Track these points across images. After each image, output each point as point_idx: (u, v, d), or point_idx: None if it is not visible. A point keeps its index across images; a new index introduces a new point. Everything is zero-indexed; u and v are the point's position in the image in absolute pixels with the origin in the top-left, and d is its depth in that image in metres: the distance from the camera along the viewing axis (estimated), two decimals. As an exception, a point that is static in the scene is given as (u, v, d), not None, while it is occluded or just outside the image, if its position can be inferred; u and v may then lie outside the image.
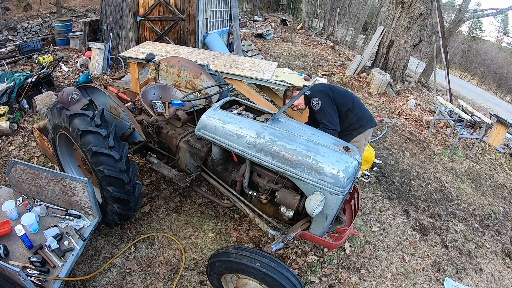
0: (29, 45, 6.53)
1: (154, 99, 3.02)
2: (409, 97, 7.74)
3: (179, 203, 3.24)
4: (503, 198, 4.62)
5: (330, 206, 2.02)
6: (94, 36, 6.88)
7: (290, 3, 23.89)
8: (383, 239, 3.29)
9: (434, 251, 3.31)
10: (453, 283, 2.97)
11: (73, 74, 6.04)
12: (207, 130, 2.32)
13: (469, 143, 6.00)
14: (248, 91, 4.49)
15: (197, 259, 2.68)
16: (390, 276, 2.89)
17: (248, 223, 3.10)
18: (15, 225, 2.15)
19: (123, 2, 6.43)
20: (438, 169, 4.90)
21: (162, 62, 3.41)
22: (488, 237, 3.71)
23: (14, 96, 4.41)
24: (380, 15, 20.19)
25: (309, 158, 2.00)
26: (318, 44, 13.01)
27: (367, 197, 3.88)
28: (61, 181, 2.30)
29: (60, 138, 2.73)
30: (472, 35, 32.76)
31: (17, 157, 3.65)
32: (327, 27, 18.83)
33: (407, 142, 5.57)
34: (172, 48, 5.17)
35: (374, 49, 9.05)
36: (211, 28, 7.74)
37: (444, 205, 4.09)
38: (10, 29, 8.61)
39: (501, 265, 3.36)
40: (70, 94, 2.29)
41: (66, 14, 10.20)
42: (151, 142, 2.93)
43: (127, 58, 4.66)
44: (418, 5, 7.97)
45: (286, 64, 8.90)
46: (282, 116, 2.39)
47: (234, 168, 2.58)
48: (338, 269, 2.84)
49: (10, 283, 1.77)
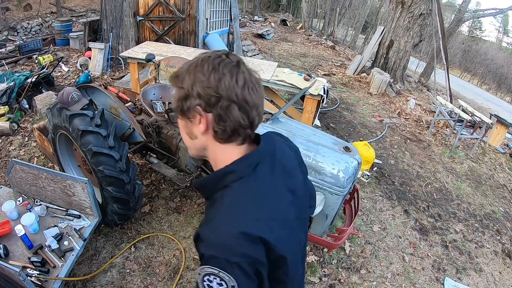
0: (29, 45, 6.52)
1: (154, 99, 3.02)
2: (409, 97, 7.75)
3: (179, 203, 3.24)
4: (503, 198, 4.62)
5: (330, 206, 2.02)
6: (94, 36, 6.88)
7: (290, 3, 23.88)
8: (383, 239, 3.29)
9: (434, 251, 3.31)
10: (453, 283, 2.97)
11: (73, 74, 6.04)
12: (207, 130, 2.32)
13: (469, 143, 6.00)
14: (248, 91, 4.48)
15: (197, 259, 2.68)
16: (390, 276, 2.89)
17: (248, 223, 3.10)
18: (15, 225, 2.15)
19: (123, 2, 6.43)
20: (438, 169, 4.90)
21: (162, 62, 3.40)
22: (488, 237, 3.71)
23: (14, 96, 4.41)
24: (380, 15, 20.19)
25: (309, 158, 2.00)
26: (318, 44, 13.00)
27: (367, 197, 3.88)
28: (61, 181, 2.30)
29: (60, 138, 2.73)
30: (472, 35, 32.77)
31: (17, 157, 3.65)
32: (327, 27, 18.83)
33: (407, 142, 5.57)
34: (172, 48, 5.17)
35: (374, 49, 9.05)
36: (211, 28, 7.74)
37: (444, 205, 4.09)
38: (10, 29, 8.60)
39: (501, 265, 3.36)
40: (70, 94, 2.29)
41: (66, 14, 10.19)
42: (151, 142, 2.93)
43: (127, 58, 4.66)
44: (418, 5, 7.96)
45: (286, 64, 8.90)
46: (282, 116, 2.39)
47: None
48: (338, 269, 2.84)
49: (10, 283, 1.77)
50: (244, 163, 0.80)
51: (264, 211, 0.77)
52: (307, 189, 1.00)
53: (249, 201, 0.77)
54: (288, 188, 0.86)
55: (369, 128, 5.85)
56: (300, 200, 0.91)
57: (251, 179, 0.79)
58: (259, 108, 0.78)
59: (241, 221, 0.73)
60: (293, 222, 0.85)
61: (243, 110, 0.74)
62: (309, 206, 1.07)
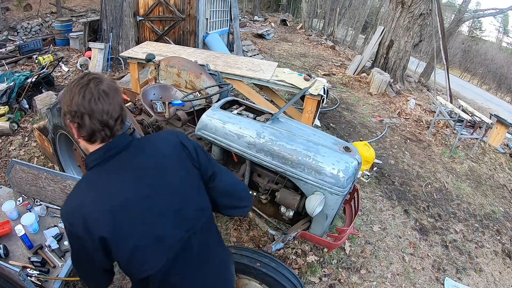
0: (29, 45, 6.53)
1: (154, 99, 3.02)
2: (409, 97, 7.75)
3: (179, 203, 3.24)
4: (503, 198, 4.62)
5: (330, 206, 2.02)
6: (94, 36, 6.88)
7: (290, 3, 23.89)
8: (383, 239, 3.29)
9: (434, 251, 3.31)
10: (453, 283, 2.97)
11: (73, 74, 6.04)
12: (207, 130, 2.32)
13: (469, 143, 6.00)
14: (248, 91, 4.49)
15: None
16: (390, 276, 2.89)
17: (248, 223, 3.10)
18: (15, 225, 2.15)
19: (123, 2, 6.43)
20: (438, 169, 4.90)
21: (162, 62, 3.41)
22: (488, 237, 3.71)
23: (14, 96, 4.41)
24: (380, 15, 20.19)
25: (309, 158, 2.00)
26: (318, 44, 13.00)
27: (367, 197, 3.88)
28: (61, 181, 2.30)
29: (60, 138, 2.73)
30: (472, 35, 32.76)
31: (17, 157, 3.64)
32: (327, 27, 18.84)
33: (407, 142, 5.57)
34: (172, 48, 5.17)
35: (374, 49, 9.05)
36: (211, 28, 7.75)
37: (444, 205, 4.09)
38: (10, 29, 8.61)
39: (501, 265, 3.36)
40: (70, 94, 2.29)
41: (66, 14, 10.20)
42: (151, 142, 2.93)
43: (127, 58, 4.66)
44: (418, 5, 7.96)
45: (286, 64, 8.90)
46: (282, 116, 2.39)
47: (234, 168, 2.58)
48: (338, 269, 2.84)
49: (10, 283, 1.77)
50: (89, 159, 1.04)
51: (92, 196, 0.98)
52: (189, 186, 1.12)
53: (83, 187, 1.03)
54: (142, 182, 1.02)
55: (369, 128, 5.86)
56: (168, 195, 1.05)
57: (93, 171, 1.03)
58: (110, 112, 0.98)
59: (72, 200, 1.01)
60: (140, 213, 0.99)
61: (93, 118, 0.96)
62: (197, 202, 1.14)
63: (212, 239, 1.22)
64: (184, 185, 1.10)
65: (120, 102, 1.02)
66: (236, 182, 1.33)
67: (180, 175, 1.10)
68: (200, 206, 1.14)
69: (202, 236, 1.13)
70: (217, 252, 1.24)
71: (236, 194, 1.31)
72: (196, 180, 1.14)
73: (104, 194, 0.98)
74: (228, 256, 1.35)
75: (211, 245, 1.21)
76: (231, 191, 1.29)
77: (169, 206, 1.05)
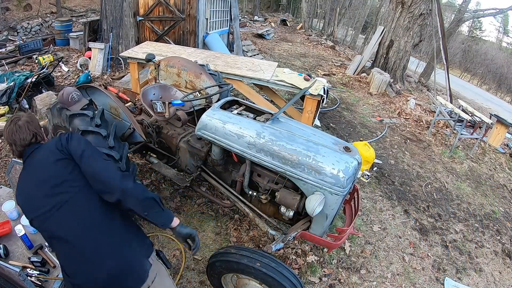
0: (29, 45, 6.53)
1: (154, 99, 3.02)
2: (409, 97, 7.75)
3: (179, 203, 3.24)
4: (503, 198, 4.62)
5: (330, 206, 2.02)
6: (94, 36, 6.89)
7: (290, 3, 23.90)
8: (383, 239, 3.29)
9: (434, 251, 3.31)
10: (453, 283, 2.97)
11: (73, 74, 6.04)
12: (207, 130, 2.32)
13: (469, 143, 6.00)
14: (248, 91, 4.49)
15: (197, 259, 2.68)
16: (390, 276, 2.89)
17: (248, 223, 3.10)
18: (15, 225, 2.14)
19: (123, 2, 6.43)
20: (438, 169, 4.91)
21: (162, 62, 3.41)
22: (488, 237, 3.71)
23: (14, 96, 4.41)
24: (380, 15, 20.18)
25: (309, 158, 2.00)
26: (318, 44, 13.01)
27: (367, 197, 3.88)
28: (61, 181, 2.29)
29: (60, 138, 2.72)
30: (472, 35, 32.73)
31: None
32: (327, 27, 18.83)
33: (407, 142, 5.57)
34: (172, 48, 5.17)
35: (374, 49, 9.05)
36: (211, 28, 7.75)
37: (444, 205, 4.09)
38: (10, 29, 8.61)
39: (501, 265, 3.36)
40: (70, 94, 2.29)
41: (66, 14, 10.20)
42: (151, 142, 2.93)
43: (127, 58, 4.66)
44: (418, 5, 7.96)
45: (286, 64, 8.90)
46: (282, 116, 2.39)
47: (234, 168, 2.58)
48: (338, 269, 2.84)
49: (10, 283, 1.77)
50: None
51: (18, 189, 1.51)
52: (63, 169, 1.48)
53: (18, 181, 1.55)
54: (38, 177, 1.47)
55: (369, 128, 5.86)
56: (55, 185, 1.44)
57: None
58: (16, 141, 1.50)
59: None
60: (40, 199, 1.43)
61: (10, 143, 1.52)
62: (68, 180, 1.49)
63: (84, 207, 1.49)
64: (57, 168, 1.48)
65: (33, 130, 1.52)
66: (102, 168, 1.49)
67: (53, 164, 1.51)
68: (70, 184, 1.49)
69: (74, 204, 1.44)
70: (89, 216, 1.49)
71: (101, 179, 1.47)
72: (68, 164, 1.49)
73: (21, 188, 1.53)
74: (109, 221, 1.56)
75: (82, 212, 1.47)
76: (97, 176, 1.47)
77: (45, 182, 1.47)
